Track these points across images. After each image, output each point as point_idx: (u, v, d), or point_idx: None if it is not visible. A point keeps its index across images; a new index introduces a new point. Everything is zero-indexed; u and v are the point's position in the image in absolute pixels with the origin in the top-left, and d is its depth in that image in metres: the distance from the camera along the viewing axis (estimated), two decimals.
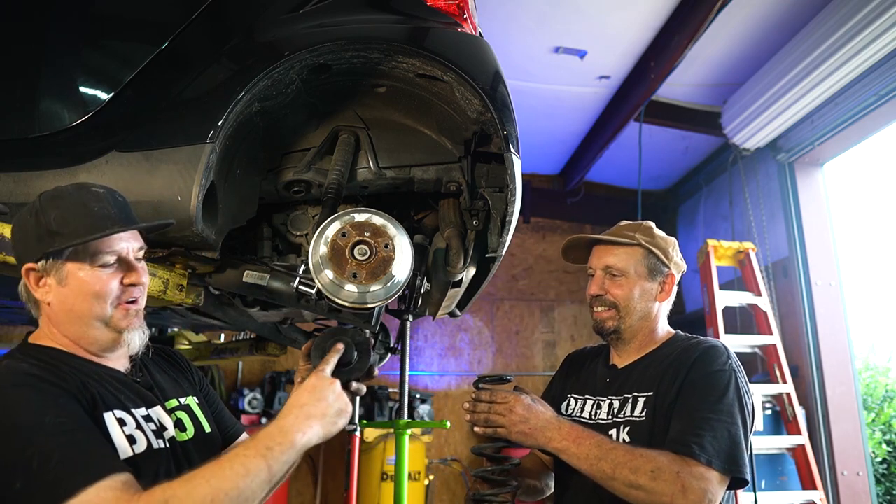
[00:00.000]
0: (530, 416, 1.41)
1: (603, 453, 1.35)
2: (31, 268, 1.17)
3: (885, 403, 5.82)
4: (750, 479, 1.34)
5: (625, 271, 1.56)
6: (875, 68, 3.91)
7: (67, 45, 1.57)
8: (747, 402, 1.40)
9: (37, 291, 1.18)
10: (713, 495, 1.28)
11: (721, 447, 1.32)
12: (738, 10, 3.92)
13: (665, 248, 1.57)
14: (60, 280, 1.16)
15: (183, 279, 1.61)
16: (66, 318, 1.18)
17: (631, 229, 1.60)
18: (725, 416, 1.35)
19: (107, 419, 1.12)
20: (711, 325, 4.46)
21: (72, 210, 1.16)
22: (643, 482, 1.29)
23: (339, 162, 1.68)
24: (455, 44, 1.61)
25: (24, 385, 1.06)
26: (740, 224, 5.38)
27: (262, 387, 5.27)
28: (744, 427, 1.36)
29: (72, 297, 1.17)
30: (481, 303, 6.28)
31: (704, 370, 1.42)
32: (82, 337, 1.20)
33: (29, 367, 1.11)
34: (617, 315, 1.56)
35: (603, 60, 4.54)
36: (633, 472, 1.30)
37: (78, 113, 1.47)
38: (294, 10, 1.57)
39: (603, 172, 6.34)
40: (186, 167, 1.40)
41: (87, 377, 1.15)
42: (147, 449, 1.16)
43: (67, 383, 1.11)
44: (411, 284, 1.68)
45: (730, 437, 1.33)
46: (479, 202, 1.76)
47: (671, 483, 1.27)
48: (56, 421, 1.02)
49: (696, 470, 1.29)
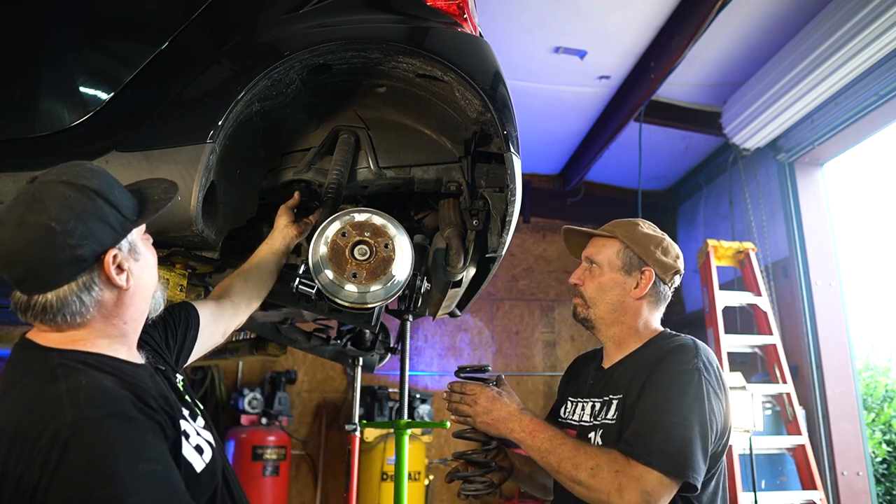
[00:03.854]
0: (493, 407, 1.47)
1: (552, 447, 1.38)
2: (115, 253, 1.05)
3: (885, 403, 5.82)
4: (699, 484, 1.29)
5: (600, 263, 1.58)
6: (875, 68, 3.91)
7: (67, 45, 1.56)
8: (712, 403, 1.36)
9: (117, 278, 1.06)
10: (652, 497, 1.26)
11: (668, 449, 1.29)
12: (738, 10, 3.92)
13: (646, 244, 1.56)
14: (136, 257, 1.11)
15: (183, 279, 1.61)
16: (139, 296, 1.12)
17: (617, 224, 1.61)
18: (678, 418, 1.32)
19: (182, 439, 1.08)
20: (711, 325, 4.45)
21: (118, 184, 1.10)
22: (583, 478, 1.31)
23: (339, 162, 1.68)
24: (455, 44, 1.61)
25: (119, 416, 0.96)
26: (740, 224, 5.38)
27: (262, 387, 5.27)
28: (701, 429, 1.32)
29: (146, 270, 1.13)
30: (481, 303, 6.28)
31: (667, 370, 1.41)
32: (143, 313, 1.15)
33: (113, 386, 1.00)
34: (585, 304, 1.59)
35: (603, 60, 4.54)
36: (574, 468, 1.33)
37: (78, 113, 1.47)
38: (294, 10, 1.57)
39: (603, 172, 6.34)
40: (186, 167, 1.40)
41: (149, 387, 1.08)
42: (212, 451, 1.14)
43: (153, 409, 1.03)
44: (411, 284, 1.68)
45: (681, 439, 1.30)
46: (479, 202, 1.76)
47: (609, 481, 1.29)
48: (149, 469, 0.94)
49: (635, 470, 1.28)
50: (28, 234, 1.00)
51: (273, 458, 4.80)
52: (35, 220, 0.99)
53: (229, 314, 1.54)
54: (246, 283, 1.60)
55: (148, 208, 1.12)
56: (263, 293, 1.66)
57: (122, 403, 0.98)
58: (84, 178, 1.05)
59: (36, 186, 1.04)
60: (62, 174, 1.06)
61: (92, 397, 0.96)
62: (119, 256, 1.06)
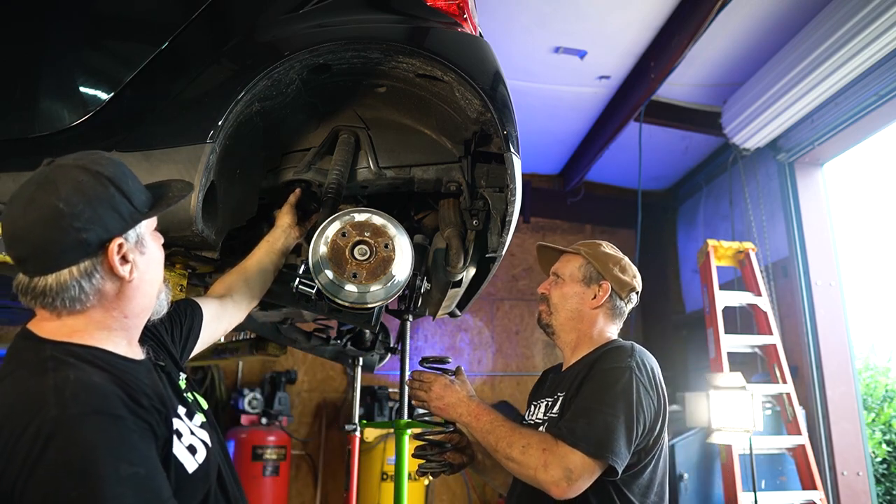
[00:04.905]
0: (445, 394, 1.64)
1: (492, 428, 1.54)
2: (121, 242, 1.04)
3: (885, 403, 5.82)
4: (619, 468, 1.42)
5: (563, 276, 1.77)
6: (875, 68, 3.90)
7: (67, 45, 1.57)
8: (641, 398, 1.49)
9: (120, 268, 1.04)
10: (574, 474, 1.40)
11: (592, 433, 1.43)
12: (738, 10, 3.91)
13: (605, 261, 1.74)
14: (143, 250, 1.09)
15: (183, 279, 1.61)
16: (141, 291, 1.10)
17: (583, 244, 1.80)
18: (606, 407, 1.46)
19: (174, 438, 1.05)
20: (711, 325, 4.45)
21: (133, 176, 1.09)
22: (515, 455, 1.47)
23: (339, 162, 1.68)
24: (455, 44, 1.61)
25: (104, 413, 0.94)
26: (740, 224, 5.38)
27: (262, 387, 5.26)
28: (626, 419, 1.45)
29: (153, 265, 1.11)
30: (481, 303, 6.28)
31: (603, 367, 1.56)
32: (145, 309, 1.13)
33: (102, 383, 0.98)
34: (549, 310, 1.77)
35: (603, 60, 4.54)
36: (509, 446, 1.49)
37: (78, 113, 1.47)
38: (294, 10, 1.57)
39: (603, 172, 6.34)
40: (186, 167, 1.40)
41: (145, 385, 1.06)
42: (207, 451, 1.13)
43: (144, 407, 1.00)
44: (411, 284, 1.68)
45: (605, 425, 1.43)
46: (479, 202, 1.76)
47: (536, 458, 1.43)
48: (131, 472, 0.91)
49: (560, 450, 1.43)
50: (36, 214, 0.99)
51: (273, 458, 4.80)
52: (44, 200, 0.99)
53: (231, 312, 1.56)
54: (247, 284, 1.61)
55: (160, 203, 1.11)
56: (263, 292, 1.67)
57: (108, 401, 0.96)
58: (99, 165, 1.05)
59: (51, 168, 1.03)
60: (78, 159, 1.05)
61: (77, 393, 0.94)
62: (125, 247, 1.05)
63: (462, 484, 5.75)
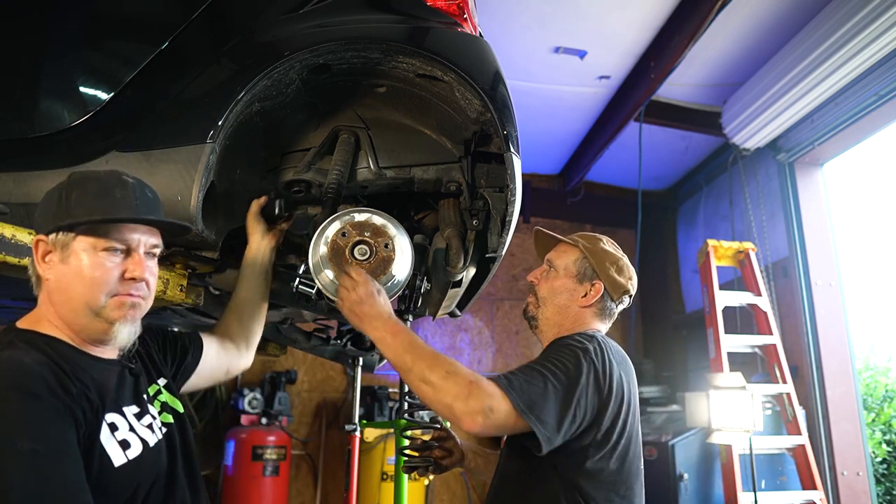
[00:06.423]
0: (367, 301, 1.44)
1: (411, 348, 1.38)
2: (41, 240, 1.16)
3: (885, 403, 5.82)
4: (543, 439, 1.32)
5: (557, 267, 1.68)
6: (875, 68, 3.90)
7: (67, 45, 1.56)
8: (588, 381, 1.39)
9: (40, 265, 1.16)
10: (494, 414, 1.28)
11: (525, 388, 1.33)
12: (738, 10, 3.92)
13: (602, 259, 1.63)
14: (65, 258, 1.14)
15: (183, 279, 1.61)
16: (61, 298, 1.16)
17: (583, 236, 1.70)
18: (549, 374, 1.37)
19: (102, 428, 1.10)
20: (711, 325, 4.45)
21: (94, 192, 1.17)
22: (434, 379, 1.31)
23: (339, 162, 1.68)
24: (455, 44, 1.61)
25: (20, 390, 1.01)
26: (740, 224, 5.38)
27: (262, 387, 5.26)
28: (565, 396, 1.35)
29: (70, 276, 1.14)
30: (481, 303, 6.27)
31: (562, 341, 1.52)
32: (72, 322, 1.17)
33: (31, 363, 1.06)
34: (537, 303, 1.69)
35: (603, 60, 4.54)
36: (429, 368, 1.33)
37: (78, 113, 1.47)
38: (294, 10, 1.57)
39: (603, 172, 6.34)
40: (186, 167, 1.40)
41: (88, 376, 1.13)
42: (144, 450, 1.16)
43: (69, 394, 1.06)
44: (411, 284, 1.68)
45: (542, 391, 1.34)
46: (479, 202, 1.76)
47: (459, 386, 1.29)
48: (29, 447, 0.96)
49: (490, 388, 1.31)
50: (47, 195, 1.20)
51: (273, 458, 4.79)
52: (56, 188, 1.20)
53: (233, 355, 1.62)
54: (241, 324, 1.65)
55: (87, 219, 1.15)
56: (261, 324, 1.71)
57: (29, 380, 1.03)
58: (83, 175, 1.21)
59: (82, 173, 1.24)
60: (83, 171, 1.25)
61: (3, 369, 1.03)
62: (44, 247, 1.16)
63: (462, 484, 5.74)
